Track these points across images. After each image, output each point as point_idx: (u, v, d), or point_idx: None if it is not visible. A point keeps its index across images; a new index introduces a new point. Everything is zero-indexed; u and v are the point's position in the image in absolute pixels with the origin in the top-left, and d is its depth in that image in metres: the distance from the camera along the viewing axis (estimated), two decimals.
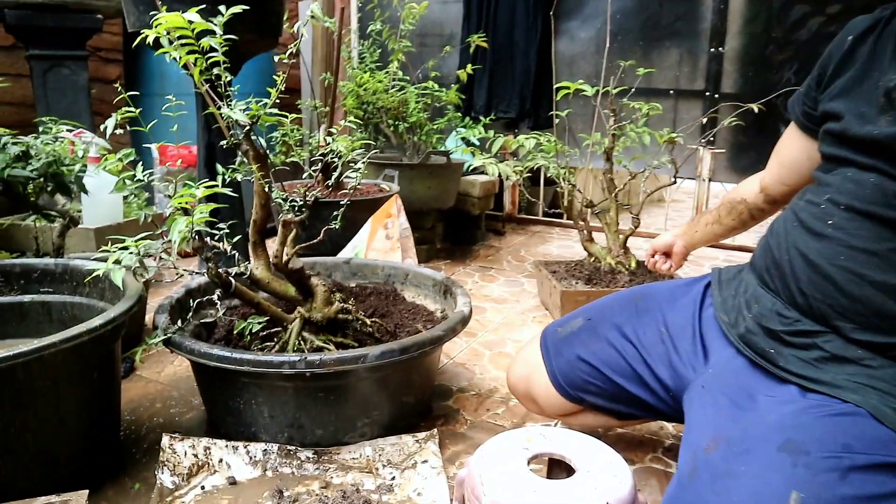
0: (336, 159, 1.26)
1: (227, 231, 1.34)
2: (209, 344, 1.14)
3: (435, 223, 2.70)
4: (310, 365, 1.09)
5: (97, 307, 1.30)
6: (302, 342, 1.29)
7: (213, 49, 1.12)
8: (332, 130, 1.27)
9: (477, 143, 3.12)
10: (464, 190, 2.80)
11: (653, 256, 1.69)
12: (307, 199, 1.23)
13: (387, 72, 2.64)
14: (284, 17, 1.85)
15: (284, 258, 1.27)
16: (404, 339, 1.18)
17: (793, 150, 1.14)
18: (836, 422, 0.79)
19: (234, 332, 1.21)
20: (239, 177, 1.37)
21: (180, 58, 1.05)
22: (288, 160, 2.63)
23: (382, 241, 1.77)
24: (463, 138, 3.04)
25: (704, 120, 2.34)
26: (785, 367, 0.89)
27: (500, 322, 2.00)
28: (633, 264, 2.03)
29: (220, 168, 1.36)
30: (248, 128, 1.17)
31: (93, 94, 2.67)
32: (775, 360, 0.91)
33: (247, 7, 1.21)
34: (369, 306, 1.60)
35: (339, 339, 1.34)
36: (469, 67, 2.59)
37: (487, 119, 2.87)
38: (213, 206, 1.05)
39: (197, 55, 1.06)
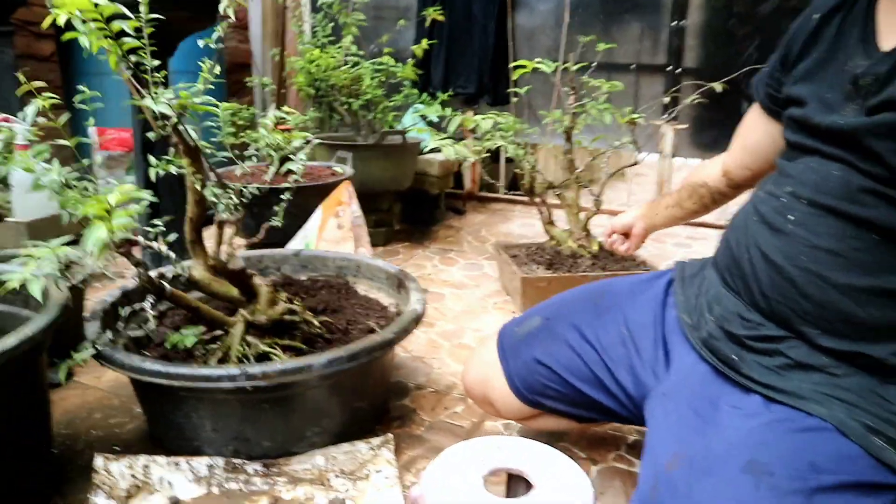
0: (273, 152, 1.16)
1: (164, 229, 1.25)
2: (142, 356, 1.05)
3: (392, 204, 2.61)
4: (251, 378, 1.02)
5: (21, 316, 1.20)
6: (246, 346, 1.21)
7: (137, 30, 1.02)
8: (268, 119, 1.17)
9: (436, 119, 3.03)
10: (421, 169, 2.71)
11: (610, 236, 1.65)
12: (243, 196, 1.13)
13: (339, 47, 2.52)
14: None
15: (223, 259, 1.19)
16: (352, 345, 1.12)
17: (756, 133, 1.09)
18: (801, 438, 0.75)
19: (167, 344, 1.13)
20: (173, 169, 1.27)
21: (91, 44, 0.94)
22: (238, 142, 2.52)
23: (334, 231, 1.69)
24: (421, 116, 2.95)
25: (667, 100, 2.29)
26: (748, 375, 0.85)
27: (460, 310, 1.94)
28: (595, 247, 1.99)
29: (152, 160, 1.26)
30: (175, 119, 1.07)
31: (25, 72, 2.49)
32: (738, 367, 0.87)
33: None
34: (320, 301, 1.53)
35: (286, 341, 1.27)
36: (425, 42, 2.48)
37: (445, 95, 2.78)
38: (134, 210, 0.95)
39: (112, 40, 0.95)
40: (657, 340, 1.03)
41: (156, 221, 1.33)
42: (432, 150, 2.92)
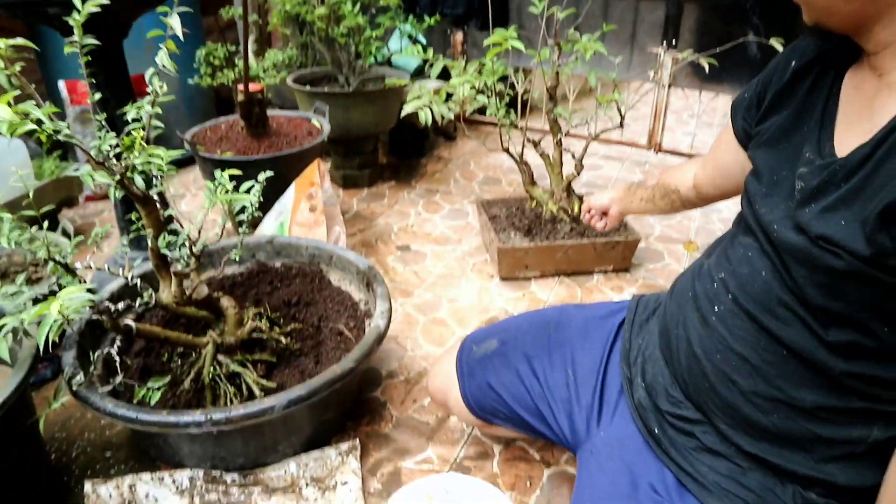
0: (223, 206, 1.14)
1: (128, 251, 1.28)
2: (115, 402, 1.12)
3: (377, 143, 2.56)
4: (216, 423, 1.10)
5: None
6: (218, 366, 1.29)
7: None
8: (212, 185, 1.14)
9: (423, 40, 2.89)
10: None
11: (589, 212, 1.65)
12: (194, 251, 1.14)
13: None
14: None
15: (187, 294, 1.22)
16: (314, 380, 1.17)
17: (727, 156, 1.06)
18: None
19: (135, 399, 1.20)
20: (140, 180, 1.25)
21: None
22: (215, 83, 2.44)
23: (306, 215, 1.70)
24: (409, 36, 2.81)
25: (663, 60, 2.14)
26: (667, 451, 0.91)
27: (439, 274, 1.98)
28: (577, 208, 1.98)
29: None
30: (118, 178, 1.06)
31: None
32: (660, 441, 0.92)
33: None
34: (294, 292, 1.57)
35: (256, 356, 1.34)
36: None
37: (433, 20, 2.63)
38: (84, 291, 0.97)
39: (36, 129, 0.92)
40: (596, 389, 1.07)
41: (124, 243, 1.34)
42: (419, 74, 2.81)
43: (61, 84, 2.13)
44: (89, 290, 1.00)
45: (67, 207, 2.28)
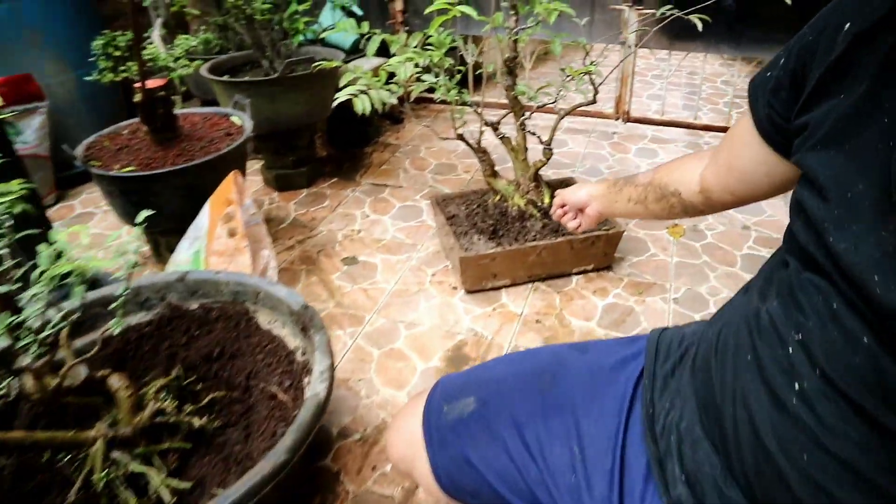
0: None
1: None
2: None
3: (313, 135, 2.24)
4: None
5: None
6: (114, 466, 0.99)
7: None
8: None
9: (359, 11, 2.56)
10: None
11: (562, 207, 1.38)
12: (47, 341, 0.83)
13: None
14: None
15: (55, 384, 0.91)
16: (230, 491, 0.88)
17: (747, 155, 0.80)
18: None
19: None
20: None
21: None
22: (118, 77, 2.07)
23: (225, 241, 1.38)
24: (343, 7, 2.47)
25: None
26: None
27: (393, 291, 1.69)
28: (547, 199, 1.71)
29: None
30: None
31: None
32: None
33: None
34: (215, 341, 1.27)
35: (165, 444, 1.04)
36: None
37: None
38: None
39: None
40: (613, 475, 0.81)
41: None
42: (357, 51, 2.48)
43: None
44: None
45: None
